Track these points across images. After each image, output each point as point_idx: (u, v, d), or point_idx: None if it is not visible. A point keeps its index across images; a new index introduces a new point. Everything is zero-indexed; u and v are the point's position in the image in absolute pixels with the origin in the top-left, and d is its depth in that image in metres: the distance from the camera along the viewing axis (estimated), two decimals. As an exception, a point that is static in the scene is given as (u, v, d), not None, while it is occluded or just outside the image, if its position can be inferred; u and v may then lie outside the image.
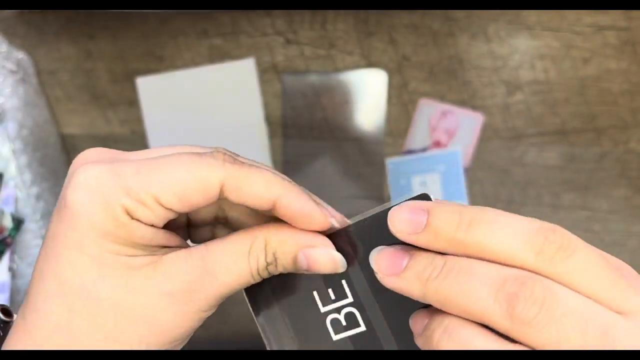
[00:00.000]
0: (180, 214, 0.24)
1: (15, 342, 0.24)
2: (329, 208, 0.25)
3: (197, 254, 0.24)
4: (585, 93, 0.52)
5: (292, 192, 0.24)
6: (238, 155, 0.25)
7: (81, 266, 0.23)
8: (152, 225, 0.23)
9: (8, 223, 0.49)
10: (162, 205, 0.23)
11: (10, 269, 0.49)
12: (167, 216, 0.23)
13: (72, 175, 0.23)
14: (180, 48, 0.54)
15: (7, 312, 0.28)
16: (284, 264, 0.24)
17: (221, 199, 0.24)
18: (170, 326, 0.24)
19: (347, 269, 0.24)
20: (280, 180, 0.24)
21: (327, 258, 0.24)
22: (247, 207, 0.24)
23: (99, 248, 0.23)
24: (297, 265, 0.24)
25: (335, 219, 0.24)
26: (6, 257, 0.49)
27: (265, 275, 0.24)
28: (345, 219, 0.25)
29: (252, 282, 0.24)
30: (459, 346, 0.19)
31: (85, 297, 0.23)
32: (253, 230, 0.24)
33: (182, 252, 0.24)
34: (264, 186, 0.23)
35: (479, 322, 0.19)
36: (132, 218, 0.23)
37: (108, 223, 0.22)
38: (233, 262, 0.24)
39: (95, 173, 0.23)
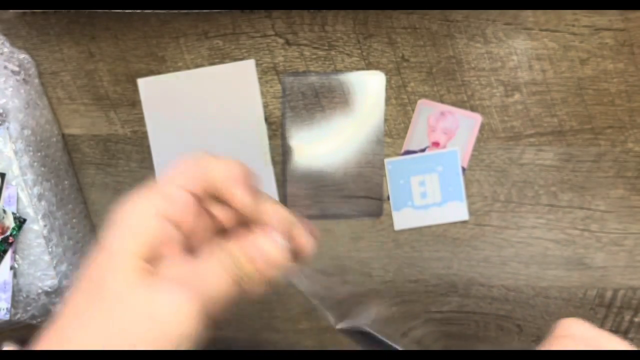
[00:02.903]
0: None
1: (44, 331, 0.28)
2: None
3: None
4: (582, 94, 0.52)
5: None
6: None
7: (103, 263, 0.27)
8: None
9: (10, 222, 0.49)
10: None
11: (12, 268, 0.50)
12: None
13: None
14: (181, 49, 0.54)
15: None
16: None
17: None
18: (170, 322, 0.26)
19: None
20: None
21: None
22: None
23: (127, 249, 0.27)
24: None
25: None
26: (8, 256, 0.50)
27: None
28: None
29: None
30: None
31: (99, 290, 0.27)
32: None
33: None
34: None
35: None
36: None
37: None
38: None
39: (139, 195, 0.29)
